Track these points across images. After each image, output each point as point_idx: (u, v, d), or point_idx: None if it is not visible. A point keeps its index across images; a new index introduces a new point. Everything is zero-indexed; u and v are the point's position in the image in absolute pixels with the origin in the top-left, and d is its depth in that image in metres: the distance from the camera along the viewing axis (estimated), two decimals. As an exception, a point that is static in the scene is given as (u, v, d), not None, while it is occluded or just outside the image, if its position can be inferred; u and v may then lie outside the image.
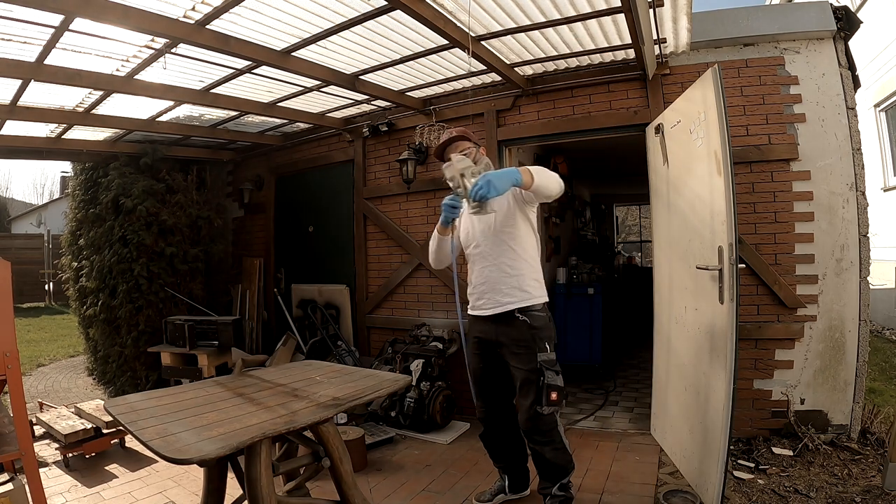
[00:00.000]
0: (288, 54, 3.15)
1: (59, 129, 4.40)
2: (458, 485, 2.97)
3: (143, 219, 4.94)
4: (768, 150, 3.33)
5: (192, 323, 4.43)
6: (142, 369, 5.05)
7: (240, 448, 1.66)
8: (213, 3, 2.50)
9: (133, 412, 1.92)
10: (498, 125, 4.13)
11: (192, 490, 2.92)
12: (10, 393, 2.20)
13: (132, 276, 4.95)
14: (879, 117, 7.18)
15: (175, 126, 4.56)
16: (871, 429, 3.25)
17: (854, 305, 3.21)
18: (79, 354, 7.03)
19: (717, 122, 2.44)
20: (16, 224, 21.70)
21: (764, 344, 3.32)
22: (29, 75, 3.02)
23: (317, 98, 4.18)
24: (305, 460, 2.20)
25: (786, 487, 2.71)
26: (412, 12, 2.51)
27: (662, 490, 2.74)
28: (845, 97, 3.26)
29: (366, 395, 2.16)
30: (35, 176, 46.65)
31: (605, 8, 2.77)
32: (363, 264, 4.84)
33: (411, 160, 4.29)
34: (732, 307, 2.37)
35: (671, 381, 3.17)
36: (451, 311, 4.34)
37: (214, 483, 2.14)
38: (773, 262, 3.32)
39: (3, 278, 2.20)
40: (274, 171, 5.62)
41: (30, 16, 2.44)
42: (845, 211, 3.23)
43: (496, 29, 3.03)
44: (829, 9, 3.27)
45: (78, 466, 3.29)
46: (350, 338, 4.89)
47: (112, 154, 5.07)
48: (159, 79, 3.40)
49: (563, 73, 3.84)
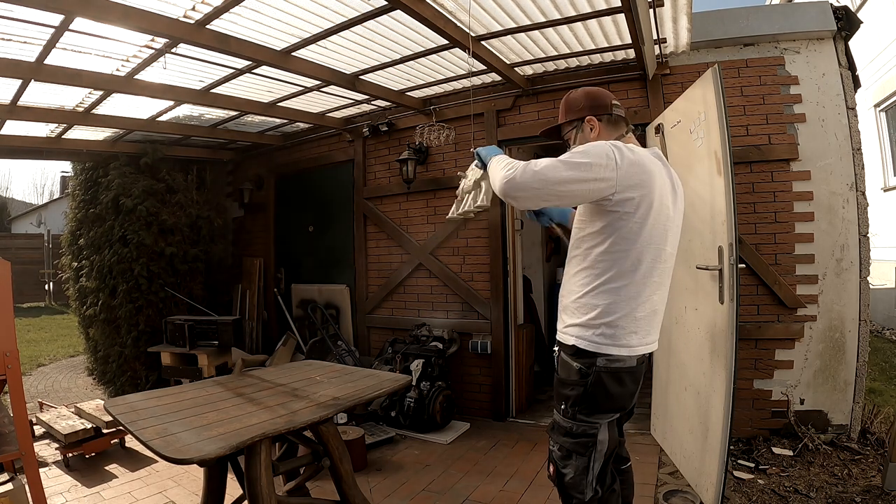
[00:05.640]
0: (288, 54, 3.15)
1: (59, 128, 4.40)
2: (458, 485, 2.97)
3: (143, 219, 4.94)
4: (768, 150, 3.33)
5: (192, 323, 4.43)
6: (142, 369, 5.05)
7: (240, 448, 1.66)
8: (213, 3, 2.50)
9: (133, 412, 1.92)
10: (498, 125, 4.13)
11: (192, 490, 2.92)
12: (10, 393, 2.20)
13: (132, 275, 4.95)
14: (879, 117, 7.18)
15: (175, 126, 4.56)
16: (871, 429, 3.25)
17: (854, 305, 3.21)
18: (79, 354, 7.03)
19: (717, 121, 2.43)
20: (16, 224, 21.68)
21: (764, 344, 3.32)
22: (29, 75, 3.02)
23: (317, 98, 4.18)
24: (305, 460, 2.21)
25: (786, 487, 2.71)
26: (412, 12, 2.51)
27: (662, 490, 2.74)
28: (845, 97, 3.26)
29: (366, 395, 2.16)
30: (35, 176, 46.61)
31: (605, 8, 2.77)
32: (363, 264, 4.84)
33: (411, 160, 4.29)
34: (732, 307, 2.37)
35: (671, 381, 3.17)
36: (452, 311, 4.35)
37: (214, 483, 2.14)
38: (773, 262, 3.32)
39: (3, 278, 2.20)
40: (274, 170, 5.62)
41: (30, 16, 2.44)
42: (845, 211, 3.23)
43: (496, 29, 3.03)
44: (829, 9, 3.27)
45: (78, 466, 3.29)
46: (350, 338, 4.89)
47: (112, 154, 5.07)
48: (159, 79, 3.40)
49: (563, 73, 3.84)
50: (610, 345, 1.55)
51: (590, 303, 1.58)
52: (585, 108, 1.73)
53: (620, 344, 1.56)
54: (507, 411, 4.13)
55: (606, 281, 1.56)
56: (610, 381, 1.57)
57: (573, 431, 1.61)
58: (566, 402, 1.63)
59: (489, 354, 4.11)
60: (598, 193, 1.50)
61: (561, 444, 1.64)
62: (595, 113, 1.72)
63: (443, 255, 4.39)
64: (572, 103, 1.77)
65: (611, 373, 1.56)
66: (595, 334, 1.56)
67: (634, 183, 1.51)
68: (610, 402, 1.59)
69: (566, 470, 1.62)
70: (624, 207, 1.51)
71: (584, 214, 1.65)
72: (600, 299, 1.56)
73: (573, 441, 1.61)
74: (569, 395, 1.62)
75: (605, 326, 1.55)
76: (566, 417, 1.63)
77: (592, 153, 1.49)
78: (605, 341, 1.55)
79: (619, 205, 1.51)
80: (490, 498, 2.81)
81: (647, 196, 1.53)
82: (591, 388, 1.57)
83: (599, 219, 1.56)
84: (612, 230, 1.54)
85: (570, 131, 1.79)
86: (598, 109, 1.72)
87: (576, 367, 1.60)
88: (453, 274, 4.32)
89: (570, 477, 1.61)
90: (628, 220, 1.52)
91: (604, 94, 1.76)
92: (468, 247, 4.28)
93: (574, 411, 1.61)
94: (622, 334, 1.56)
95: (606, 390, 1.57)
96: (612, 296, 1.55)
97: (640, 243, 1.54)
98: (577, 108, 1.75)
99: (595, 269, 1.58)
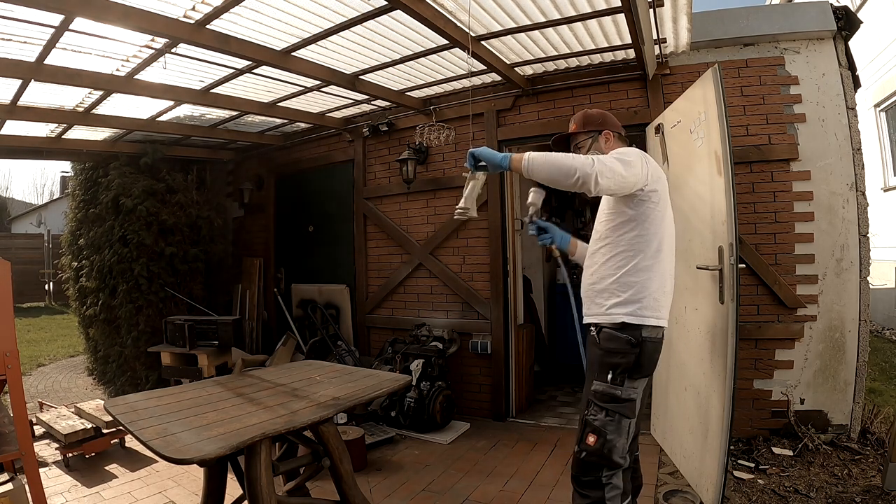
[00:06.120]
0: (288, 54, 3.15)
1: (59, 128, 4.40)
2: (458, 485, 2.97)
3: (143, 219, 4.94)
4: (768, 150, 3.33)
5: (192, 323, 4.43)
6: (142, 369, 5.05)
7: (240, 448, 1.66)
8: (213, 3, 2.50)
9: (133, 412, 1.92)
10: (498, 125, 4.13)
11: (192, 490, 2.92)
12: (11, 393, 2.20)
13: (132, 275, 4.95)
14: (879, 117, 7.18)
15: (175, 126, 4.56)
16: (871, 429, 3.25)
17: (854, 305, 3.21)
18: (79, 354, 7.03)
19: (717, 121, 2.43)
20: (16, 224, 21.67)
21: (764, 344, 3.32)
22: (29, 75, 3.02)
23: (317, 98, 4.18)
24: (305, 460, 2.21)
25: (786, 487, 2.71)
26: (412, 12, 2.51)
27: (662, 490, 2.74)
28: (845, 97, 3.26)
29: (366, 395, 2.16)
30: (35, 176, 46.53)
31: (605, 8, 2.77)
32: (363, 264, 4.84)
33: (411, 160, 4.29)
34: (732, 307, 2.37)
35: (671, 381, 3.17)
36: (452, 311, 4.35)
37: (214, 483, 2.14)
38: (773, 262, 3.32)
39: (3, 278, 2.20)
40: (274, 171, 5.63)
41: (30, 16, 2.44)
42: (845, 211, 3.23)
43: (496, 29, 3.03)
44: (829, 9, 3.27)
45: (78, 466, 3.28)
46: (350, 338, 4.89)
47: (112, 154, 5.07)
48: (159, 79, 3.40)
49: (563, 73, 3.84)
50: (651, 317, 1.85)
51: (628, 281, 1.86)
52: (603, 123, 2.12)
53: (659, 316, 1.87)
54: (507, 411, 4.13)
55: (640, 261, 1.86)
56: (652, 349, 1.86)
57: (620, 397, 1.83)
58: (614, 371, 1.85)
59: (489, 354, 4.11)
60: (636, 185, 1.83)
61: (608, 409, 1.84)
62: (611, 129, 2.12)
63: (443, 255, 4.39)
64: (591, 118, 2.14)
65: (653, 341, 1.86)
66: (638, 308, 1.84)
67: (656, 177, 1.88)
68: (651, 366, 1.89)
69: (612, 436, 1.81)
70: (651, 198, 1.87)
71: (613, 208, 1.95)
72: (637, 276, 1.86)
73: (620, 405, 1.83)
74: (618, 363, 1.85)
75: (645, 299, 1.84)
76: (614, 385, 1.85)
77: (632, 154, 1.84)
78: (648, 314, 1.85)
79: (648, 195, 1.86)
80: (490, 498, 2.81)
81: (664, 191, 1.91)
82: (640, 356, 1.83)
83: (630, 208, 1.88)
84: (643, 218, 1.87)
85: (585, 140, 2.13)
86: (612, 127, 2.12)
87: (625, 339, 1.84)
88: (453, 274, 4.32)
89: (618, 441, 1.81)
90: (654, 208, 1.87)
91: (614, 118, 2.18)
92: (468, 247, 4.28)
93: (623, 377, 1.84)
94: (658, 306, 1.86)
95: (651, 356, 1.86)
96: (645, 273, 1.86)
97: (661, 230, 1.89)
98: (596, 122, 2.12)
99: (630, 251, 1.87)
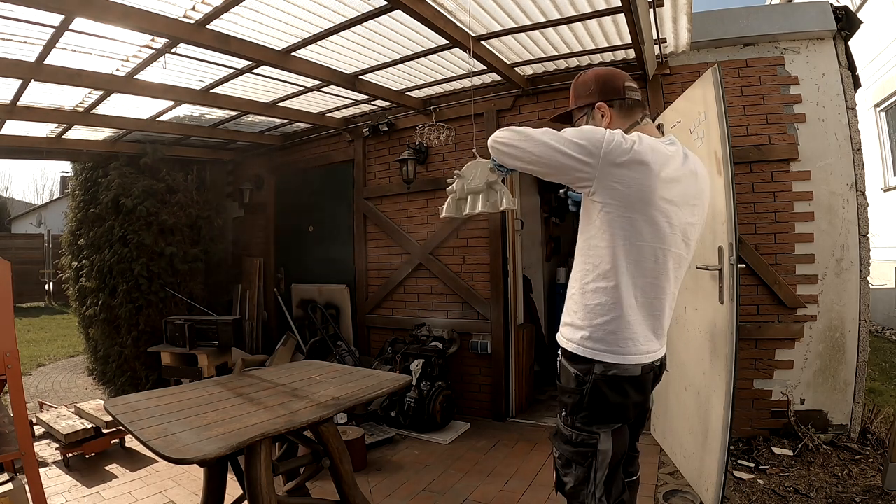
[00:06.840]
0: (288, 54, 3.15)
1: (59, 128, 4.40)
2: (458, 485, 2.97)
3: (143, 219, 4.94)
4: (768, 150, 3.33)
5: (192, 323, 4.43)
6: (142, 369, 5.05)
7: (240, 448, 1.66)
8: (213, 3, 2.50)
9: (133, 412, 1.92)
10: (498, 125, 4.12)
11: (192, 490, 2.92)
12: (10, 393, 2.20)
13: (132, 275, 4.95)
14: (879, 117, 7.18)
15: (175, 126, 4.56)
16: (871, 429, 3.25)
17: (854, 305, 3.21)
18: (79, 354, 7.02)
19: (717, 121, 2.43)
20: (16, 224, 21.67)
21: (764, 344, 3.32)
22: (29, 75, 3.02)
23: (317, 98, 4.18)
24: (305, 460, 2.21)
25: (786, 487, 2.71)
26: (412, 12, 2.51)
27: (662, 490, 2.74)
28: (845, 97, 3.26)
29: (366, 395, 2.16)
30: (35, 176, 46.60)
31: (605, 8, 2.77)
32: (363, 264, 4.84)
33: (411, 160, 4.28)
34: (732, 307, 2.37)
35: (671, 381, 3.16)
36: (452, 311, 4.35)
37: (214, 483, 2.14)
38: (773, 262, 3.32)
39: (3, 278, 2.20)
40: (274, 171, 5.62)
41: (30, 16, 2.44)
42: (845, 211, 3.23)
43: (496, 29, 3.03)
44: (829, 9, 3.27)
45: (78, 466, 3.28)
46: (350, 338, 4.89)
47: (112, 154, 5.07)
48: (159, 79, 3.40)
49: (563, 73, 3.84)
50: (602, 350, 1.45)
51: (582, 302, 1.50)
52: (595, 93, 1.54)
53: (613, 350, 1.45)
54: (507, 411, 4.13)
55: (594, 280, 1.47)
56: (607, 391, 1.45)
57: (573, 440, 1.48)
58: (565, 409, 1.51)
59: (489, 354, 4.11)
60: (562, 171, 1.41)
61: (561, 451, 1.52)
62: (606, 98, 1.52)
63: (443, 255, 4.39)
64: (581, 87, 1.58)
65: (608, 380, 1.45)
66: (586, 338, 1.48)
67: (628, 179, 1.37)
68: (610, 413, 1.46)
69: (567, 479, 1.51)
70: (606, 203, 1.41)
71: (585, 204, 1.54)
72: (591, 299, 1.47)
73: (573, 450, 1.48)
74: (566, 402, 1.51)
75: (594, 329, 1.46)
76: (566, 425, 1.50)
77: (590, 134, 1.37)
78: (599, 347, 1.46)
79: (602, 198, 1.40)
80: (490, 498, 2.81)
81: (644, 199, 1.40)
82: (585, 397, 1.46)
83: (589, 209, 1.48)
84: (603, 225, 1.43)
85: (580, 118, 1.59)
86: (609, 94, 1.52)
87: (573, 374, 1.48)
88: (453, 274, 4.32)
89: (571, 486, 1.50)
90: (612, 214, 1.41)
91: (615, 76, 1.54)
92: (468, 247, 4.28)
93: (573, 419, 1.49)
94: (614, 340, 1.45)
95: (603, 400, 1.45)
96: (598, 296, 1.46)
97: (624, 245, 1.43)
98: (586, 92, 1.56)
99: (587, 265, 1.49)
